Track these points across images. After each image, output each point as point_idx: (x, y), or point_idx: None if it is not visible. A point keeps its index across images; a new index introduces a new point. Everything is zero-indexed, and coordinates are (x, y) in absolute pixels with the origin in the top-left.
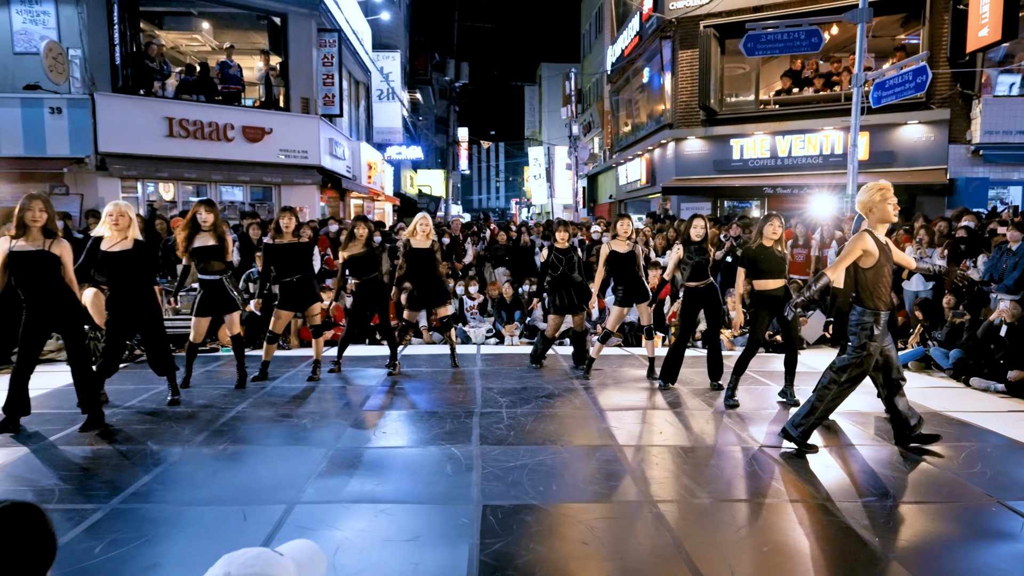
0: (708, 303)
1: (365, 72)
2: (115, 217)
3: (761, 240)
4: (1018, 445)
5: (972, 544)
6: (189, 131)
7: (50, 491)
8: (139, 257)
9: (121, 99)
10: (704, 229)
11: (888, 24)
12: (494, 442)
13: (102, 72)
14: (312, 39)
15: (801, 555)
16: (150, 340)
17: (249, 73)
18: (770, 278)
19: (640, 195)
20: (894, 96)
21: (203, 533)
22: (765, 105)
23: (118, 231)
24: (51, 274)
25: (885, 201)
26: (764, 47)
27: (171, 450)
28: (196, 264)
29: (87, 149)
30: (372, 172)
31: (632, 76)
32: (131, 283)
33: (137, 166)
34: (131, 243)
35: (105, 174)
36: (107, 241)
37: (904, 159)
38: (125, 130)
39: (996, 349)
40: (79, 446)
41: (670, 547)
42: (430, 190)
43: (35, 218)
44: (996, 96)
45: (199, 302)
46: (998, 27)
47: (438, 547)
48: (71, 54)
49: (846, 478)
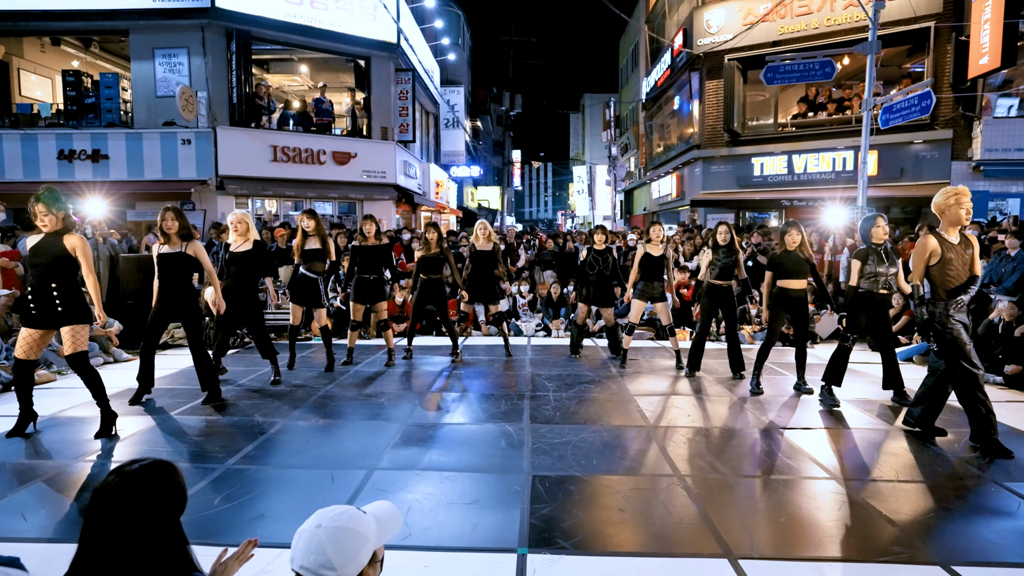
0: (726, 302)
1: (434, 104)
2: (234, 224)
3: (785, 246)
4: (1015, 432)
5: (973, 520)
6: (289, 156)
7: (179, 453)
8: (257, 255)
9: (236, 131)
10: (728, 234)
11: (895, 55)
12: (542, 421)
13: (222, 109)
14: (390, 78)
15: (814, 526)
16: (253, 329)
17: (338, 107)
18: (793, 279)
19: (671, 207)
20: (901, 118)
21: (299, 492)
22: (783, 128)
23: (239, 235)
24: (184, 272)
25: (959, 206)
26: (782, 77)
27: (273, 422)
28: (303, 264)
29: (210, 172)
30: (439, 189)
31: (664, 104)
32: (247, 277)
33: (248, 186)
34: (251, 244)
35: (223, 193)
36: (233, 244)
37: (910, 174)
38: (239, 156)
39: (995, 345)
40: (200, 416)
41: (695, 516)
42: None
43: (169, 226)
44: (996, 117)
45: (296, 292)
46: (997, 56)
47: (494, 510)
48: (199, 96)
49: (855, 458)
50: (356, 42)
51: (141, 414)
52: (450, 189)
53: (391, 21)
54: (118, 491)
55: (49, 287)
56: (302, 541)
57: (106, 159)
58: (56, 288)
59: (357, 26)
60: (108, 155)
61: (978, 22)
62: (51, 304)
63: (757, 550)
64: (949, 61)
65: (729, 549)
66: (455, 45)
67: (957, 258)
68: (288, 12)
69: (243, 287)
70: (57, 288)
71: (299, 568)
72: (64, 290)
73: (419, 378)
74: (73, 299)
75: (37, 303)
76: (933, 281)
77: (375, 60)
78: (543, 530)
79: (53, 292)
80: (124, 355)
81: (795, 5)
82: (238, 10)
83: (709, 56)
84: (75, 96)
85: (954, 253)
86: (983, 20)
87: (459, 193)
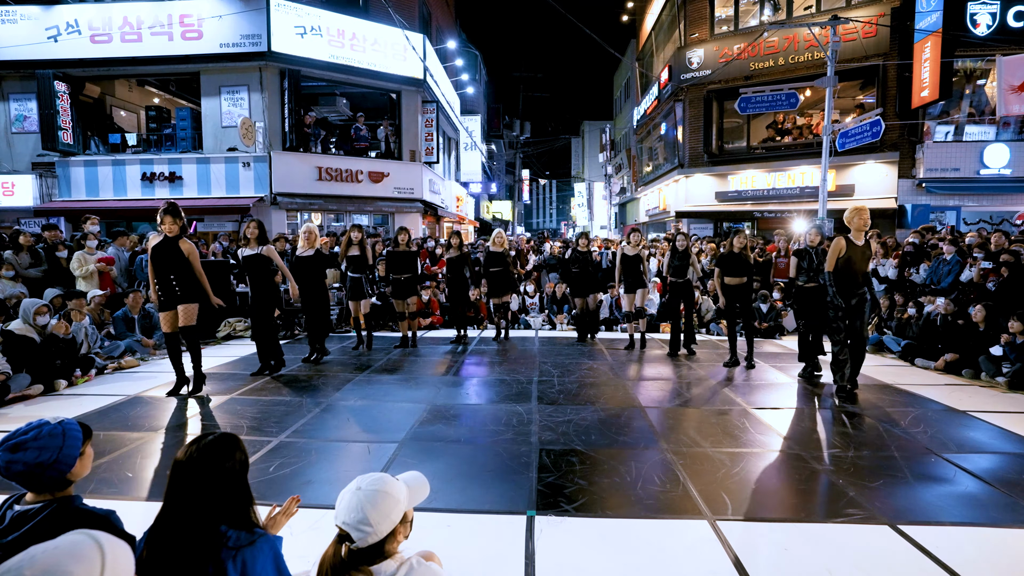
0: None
1: (455, 130)
2: (305, 234)
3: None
4: (952, 411)
5: (916, 487)
6: (332, 176)
7: (239, 427)
8: (317, 260)
9: (288, 155)
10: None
11: (850, 88)
12: (548, 402)
13: (276, 137)
14: (418, 108)
15: (782, 492)
16: (317, 317)
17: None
18: (734, 276)
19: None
20: (855, 142)
21: (341, 461)
22: (754, 150)
23: (307, 243)
24: (262, 270)
25: (859, 219)
26: (754, 106)
27: (318, 400)
28: (348, 267)
29: (265, 190)
30: (459, 203)
31: (652, 129)
32: (311, 277)
33: (297, 201)
34: (313, 251)
35: (276, 207)
36: (300, 250)
37: (863, 190)
38: (290, 176)
39: (935, 337)
40: (257, 396)
41: (680, 484)
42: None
43: (251, 233)
44: (935, 142)
45: (350, 291)
46: (936, 89)
47: (506, 478)
48: (257, 126)
49: (817, 434)
50: (388, 78)
51: (208, 394)
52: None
53: (418, 60)
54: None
55: (169, 278)
56: (344, 501)
57: (180, 180)
58: (175, 278)
59: (389, 65)
60: (182, 176)
61: (919, 61)
62: (172, 290)
63: (732, 513)
64: (895, 93)
65: (708, 512)
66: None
67: (857, 255)
68: (331, 54)
69: (310, 283)
70: (175, 278)
71: (341, 523)
72: (180, 279)
73: (442, 365)
74: (187, 285)
75: (163, 290)
76: (838, 270)
77: (405, 94)
78: (548, 495)
79: (172, 281)
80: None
81: (764, 45)
82: (290, 53)
83: (691, 88)
84: (156, 127)
85: (855, 253)
86: (923, 59)
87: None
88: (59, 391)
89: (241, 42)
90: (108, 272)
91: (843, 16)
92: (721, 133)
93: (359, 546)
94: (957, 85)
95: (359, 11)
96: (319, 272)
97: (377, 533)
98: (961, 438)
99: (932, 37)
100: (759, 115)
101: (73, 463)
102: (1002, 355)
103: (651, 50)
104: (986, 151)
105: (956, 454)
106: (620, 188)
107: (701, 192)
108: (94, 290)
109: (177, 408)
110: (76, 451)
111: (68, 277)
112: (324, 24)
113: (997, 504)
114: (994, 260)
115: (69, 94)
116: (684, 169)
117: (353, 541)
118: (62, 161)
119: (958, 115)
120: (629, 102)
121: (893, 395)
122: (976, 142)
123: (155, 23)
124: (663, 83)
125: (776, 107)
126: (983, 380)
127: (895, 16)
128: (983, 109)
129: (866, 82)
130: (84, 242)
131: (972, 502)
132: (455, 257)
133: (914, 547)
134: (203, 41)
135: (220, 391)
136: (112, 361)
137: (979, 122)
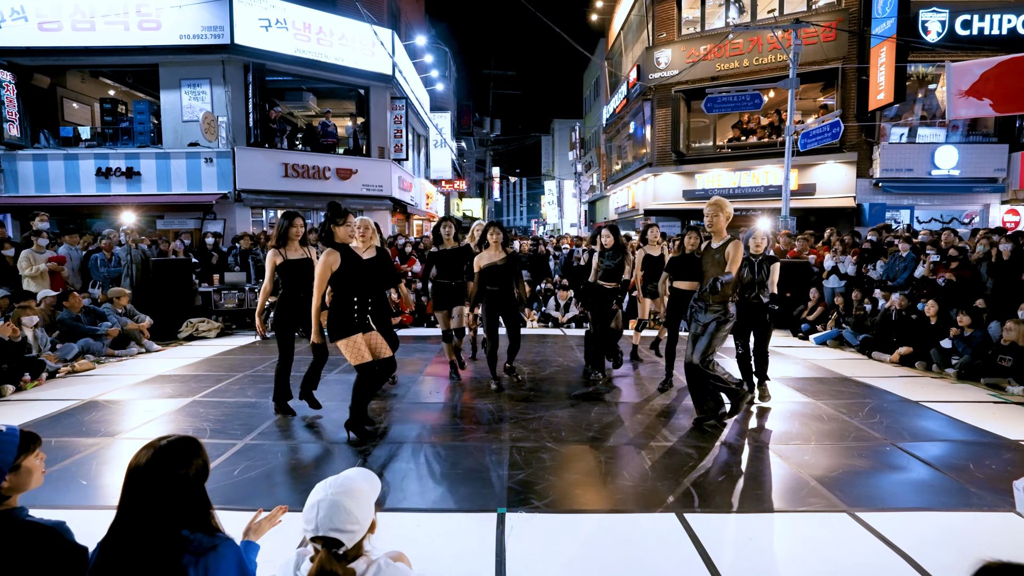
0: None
1: (424, 127)
2: (362, 230)
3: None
4: (907, 401)
5: (872, 474)
6: (299, 172)
7: (202, 430)
8: (382, 262)
9: (252, 151)
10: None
11: (811, 90)
12: (519, 399)
13: (240, 132)
14: (387, 105)
15: (747, 484)
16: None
17: (341, 130)
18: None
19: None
20: (816, 143)
21: (309, 462)
22: (720, 149)
23: (364, 242)
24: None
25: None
26: (720, 106)
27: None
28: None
29: (229, 187)
30: (429, 200)
31: (621, 128)
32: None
33: (262, 198)
34: (374, 251)
35: (241, 204)
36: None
37: (823, 189)
38: (254, 173)
39: (890, 331)
40: (221, 398)
41: (647, 476)
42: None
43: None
44: (891, 143)
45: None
46: (891, 93)
47: (478, 476)
48: (219, 120)
49: (778, 426)
50: (357, 74)
51: (170, 397)
52: (438, 200)
53: (387, 56)
54: (152, 462)
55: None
56: (320, 511)
57: (138, 175)
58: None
59: (358, 60)
60: (140, 172)
61: (876, 65)
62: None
63: (699, 505)
64: (854, 96)
65: (676, 505)
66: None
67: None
68: (298, 48)
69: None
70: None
71: (327, 532)
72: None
73: (413, 364)
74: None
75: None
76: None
77: (373, 90)
78: (519, 491)
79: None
80: (155, 346)
81: (729, 47)
82: (254, 46)
83: (659, 88)
84: (111, 121)
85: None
86: (880, 63)
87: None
88: (6, 396)
89: (202, 34)
90: (60, 272)
91: (804, 20)
92: (689, 132)
93: (347, 548)
94: (910, 89)
95: (326, 5)
96: (388, 277)
97: (363, 528)
98: (914, 427)
99: (887, 42)
100: (725, 115)
101: (5, 473)
102: (951, 347)
103: (620, 50)
104: (937, 152)
105: (910, 443)
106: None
107: (669, 190)
108: (45, 290)
109: (136, 412)
110: (9, 460)
111: (15, 277)
112: (290, 17)
113: (946, 489)
114: (944, 257)
115: (16, 84)
116: (653, 168)
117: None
118: (8, 155)
119: (911, 118)
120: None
121: (852, 387)
122: (928, 144)
123: (109, 12)
124: (632, 82)
125: (741, 107)
126: (934, 372)
127: (853, 21)
128: (934, 112)
129: (827, 84)
130: (34, 240)
131: (924, 488)
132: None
133: (870, 533)
134: (162, 32)
135: (182, 393)
136: (65, 364)
137: (931, 125)
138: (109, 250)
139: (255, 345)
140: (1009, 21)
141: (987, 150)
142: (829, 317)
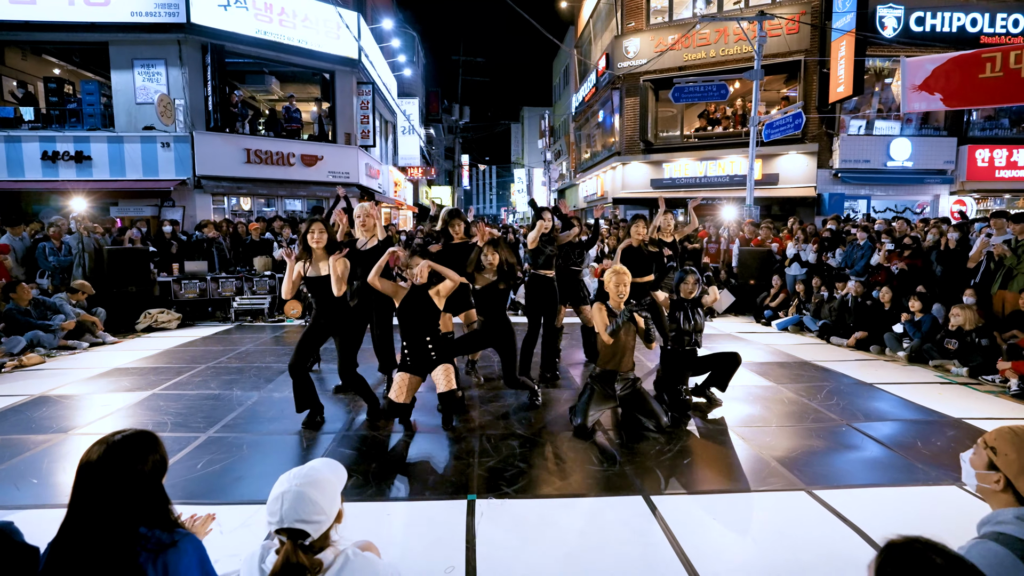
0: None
1: (392, 113)
2: (362, 218)
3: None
4: (862, 384)
5: (830, 453)
6: (262, 158)
7: (163, 424)
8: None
9: (212, 136)
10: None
11: (775, 81)
12: (488, 388)
13: (199, 116)
14: (353, 89)
15: (712, 464)
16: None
17: (306, 115)
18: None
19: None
20: (779, 133)
21: (275, 455)
22: (687, 138)
23: (366, 231)
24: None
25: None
26: (687, 96)
27: (249, 393)
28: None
29: (188, 173)
30: (397, 188)
31: (590, 116)
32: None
33: (223, 185)
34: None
35: (201, 191)
36: (359, 241)
37: (786, 179)
38: (215, 158)
39: (847, 316)
40: (182, 391)
41: (617, 464)
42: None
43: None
44: (849, 135)
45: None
46: (850, 86)
47: (448, 464)
48: (176, 103)
49: (742, 410)
50: (321, 57)
51: (127, 390)
52: (407, 188)
53: (353, 40)
54: (102, 459)
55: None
56: (285, 503)
57: (89, 160)
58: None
59: (322, 43)
60: (91, 156)
61: (836, 58)
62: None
63: (666, 488)
64: (815, 88)
65: (643, 487)
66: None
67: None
68: (258, 28)
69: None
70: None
71: (292, 524)
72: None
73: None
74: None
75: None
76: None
77: (339, 74)
78: (488, 478)
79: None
80: (110, 338)
81: (696, 37)
82: (212, 26)
83: (627, 77)
84: (57, 101)
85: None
86: (840, 56)
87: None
88: None
89: (156, 11)
90: (3, 262)
91: (769, 12)
92: (657, 122)
93: (314, 539)
94: (868, 83)
95: None
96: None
97: (329, 518)
98: (868, 408)
99: (847, 36)
100: (692, 105)
101: None
102: (903, 332)
103: (589, 38)
104: (892, 145)
105: (864, 423)
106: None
107: (637, 179)
108: None
109: (91, 407)
110: None
111: None
112: None
113: (896, 466)
114: (899, 245)
115: None
116: (621, 156)
117: (306, 538)
118: None
119: (869, 111)
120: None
121: (811, 371)
122: (884, 136)
123: None
124: (600, 71)
125: (708, 97)
126: (887, 355)
127: (816, 15)
128: (890, 106)
129: (790, 76)
130: None
131: (876, 466)
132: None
133: (826, 509)
134: (110, 8)
135: (141, 387)
136: (11, 359)
137: (886, 118)
138: (58, 238)
139: (217, 336)
140: (959, 19)
141: (937, 143)
142: (791, 304)
